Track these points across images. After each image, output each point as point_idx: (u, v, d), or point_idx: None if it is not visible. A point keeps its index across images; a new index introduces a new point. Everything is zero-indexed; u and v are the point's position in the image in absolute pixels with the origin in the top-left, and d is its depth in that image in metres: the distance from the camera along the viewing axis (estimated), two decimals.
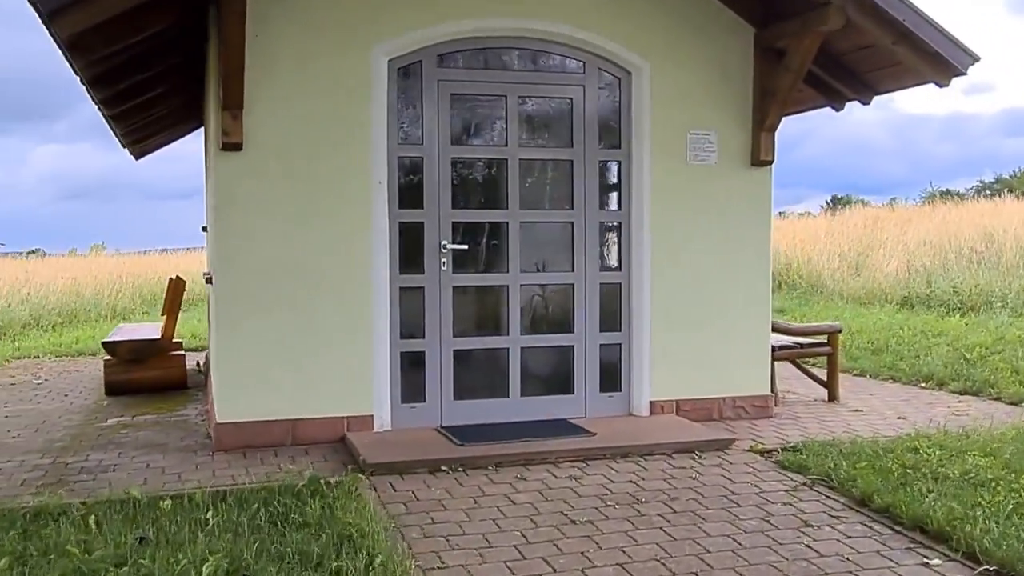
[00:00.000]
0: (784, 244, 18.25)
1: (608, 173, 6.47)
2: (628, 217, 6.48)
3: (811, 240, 18.67)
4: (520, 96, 6.26)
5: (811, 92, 7.26)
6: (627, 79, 6.44)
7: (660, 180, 6.47)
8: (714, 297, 6.62)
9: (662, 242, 6.49)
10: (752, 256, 6.71)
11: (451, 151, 6.14)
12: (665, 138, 6.46)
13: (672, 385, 6.56)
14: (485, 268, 6.29)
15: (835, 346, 7.60)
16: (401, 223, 6.07)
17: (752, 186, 6.68)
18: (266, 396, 5.81)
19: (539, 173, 6.40)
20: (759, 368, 6.78)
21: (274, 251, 5.78)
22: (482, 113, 6.28)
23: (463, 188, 6.21)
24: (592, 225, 6.42)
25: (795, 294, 15.27)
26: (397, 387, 6.09)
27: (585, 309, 6.43)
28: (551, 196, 6.43)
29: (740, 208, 6.66)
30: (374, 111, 5.91)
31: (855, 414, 7.02)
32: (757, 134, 6.61)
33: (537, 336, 6.39)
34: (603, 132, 6.43)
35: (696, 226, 6.56)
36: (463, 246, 6.17)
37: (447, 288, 6.16)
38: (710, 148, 6.56)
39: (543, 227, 6.41)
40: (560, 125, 6.40)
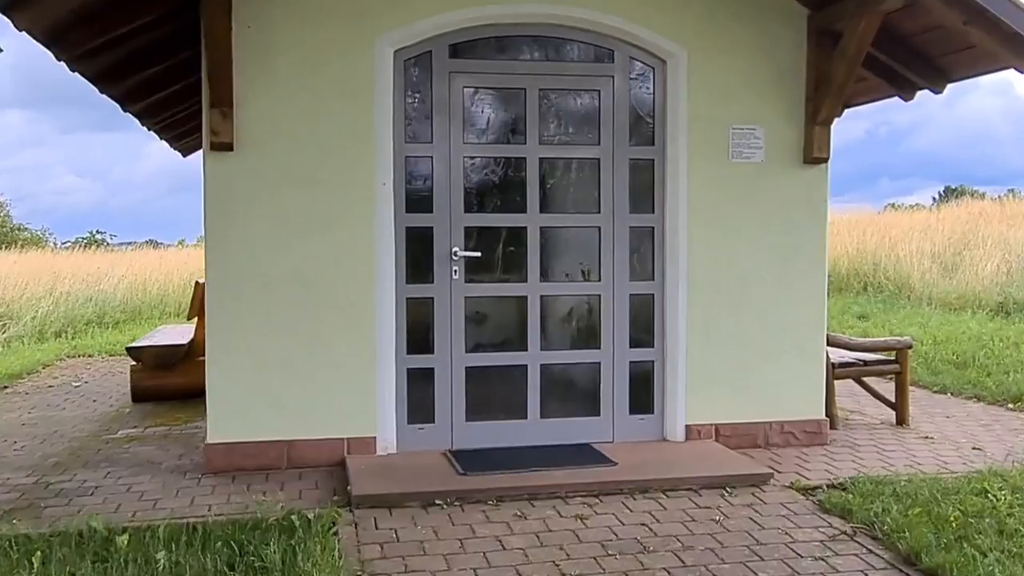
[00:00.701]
0: (874, 241, 17.16)
1: (639, 173, 5.86)
2: (662, 222, 5.86)
3: (904, 237, 17.50)
4: (541, 89, 5.70)
5: (876, 81, 6.50)
6: (661, 69, 5.81)
7: (698, 181, 5.83)
8: (760, 310, 5.94)
9: (701, 249, 5.85)
10: (805, 265, 6.00)
11: (464, 150, 5.62)
12: (704, 134, 5.81)
13: (711, 408, 5.92)
14: (501, 277, 5.76)
15: (904, 364, 6.81)
16: (409, 228, 5.59)
17: (805, 187, 5.98)
18: (260, 415, 5.41)
19: (562, 174, 5.83)
20: (812, 390, 6.07)
21: (270, 258, 5.37)
22: (498, 108, 5.74)
23: (477, 190, 5.69)
24: (621, 230, 5.82)
25: (880, 297, 14.22)
26: (403, 407, 5.62)
27: (613, 323, 5.84)
28: (575, 199, 5.85)
29: (791, 211, 5.96)
30: (379, 107, 5.44)
31: (923, 442, 6.24)
32: (810, 129, 5.89)
33: (559, 352, 5.83)
34: (634, 128, 5.82)
35: (740, 232, 5.90)
36: (476, 253, 5.65)
37: (459, 299, 5.65)
38: (756, 144, 5.88)
39: (566, 233, 5.84)
40: (586, 121, 5.81)
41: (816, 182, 5.99)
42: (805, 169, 5.96)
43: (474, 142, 5.65)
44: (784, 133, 5.92)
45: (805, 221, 5.99)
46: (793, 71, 5.89)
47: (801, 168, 5.95)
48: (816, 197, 6.00)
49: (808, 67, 5.90)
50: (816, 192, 6.00)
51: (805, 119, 5.92)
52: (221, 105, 5.18)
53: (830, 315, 12.70)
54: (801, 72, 5.90)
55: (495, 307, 5.84)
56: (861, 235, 17.75)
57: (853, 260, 15.95)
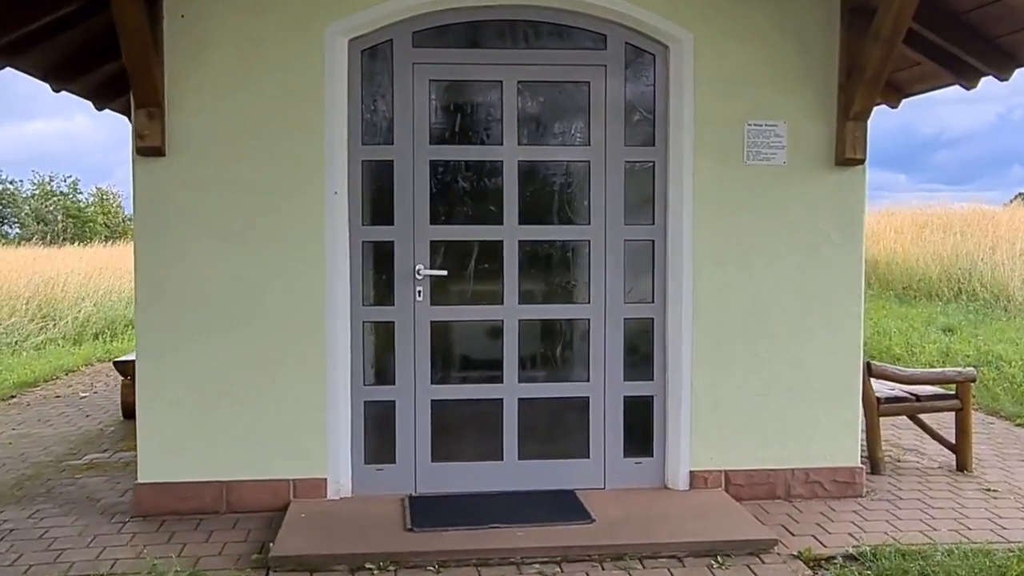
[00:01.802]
0: (973, 242, 15.67)
1: (637, 178, 5.04)
2: (663, 234, 5.03)
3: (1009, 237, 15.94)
4: (520, 82, 4.94)
5: (931, 66, 5.52)
6: (663, 56, 4.98)
7: (707, 186, 4.98)
8: (781, 338, 5.06)
9: (709, 267, 5.00)
10: (836, 284, 5.09)
11: (430, 152, 4.91)
12: (714, 132, 4.96)
13: (721, 451, 5.07)
14: (473, 299, 5.03)
15: (966, 400, 5.80)
16: (366, 243, 4.91)
17: (836, 193, 5.06)
18: (196, 452, 4.82)
19: (545, 179, 5.06)
20: (844, 432, 5.15)
21: (208, 277, 4.77)
22: (471, 104, 5.00)
23: (445, 198, 4.97)
24: (615, 244, 5.01)
25: (973, 307, 12.86)
26: (360, 445, 4.95)
27: (605, 351, 5.05)
28: (561, 208, 5.06)
29: (820, 222, 5.06)
30: (331, 105, 4.77)
31: (982, 496, 5.25)
32: (842, 124, 4.98)
33: (540, 384, 5.07)
34: (630, 125, 5.01)
35: (757, 246, 5.03)
36: (443, 272, 4.94)
37: (424, 323, 4.95)
38: (776, 143, 4.99)
39: (550, 247, 5.06)
40: (573, 117, 5.03)
41: (850, 187, 5.07)
42: (836, 172, 5.04)
43: (441, 143, 4.93)
44: (811, 130, 5.01)
45: (837, 234, 5.07)
46: (822, 56, 4.98)
47: (832, 171, 5.04)
48: (851, 205, 5.08)
49: (840, 51, 4.98)
50: (850, 199, 5.08)
51: (836, 113, 5.01)
52: (147, 105, 4.60)
53: (912, 327, 11.54)
54: (831, 57, 4.99)
55: (466, 333, 5.11)
56: (959, 234, 16.28)
57: (946, 263, 14.57)
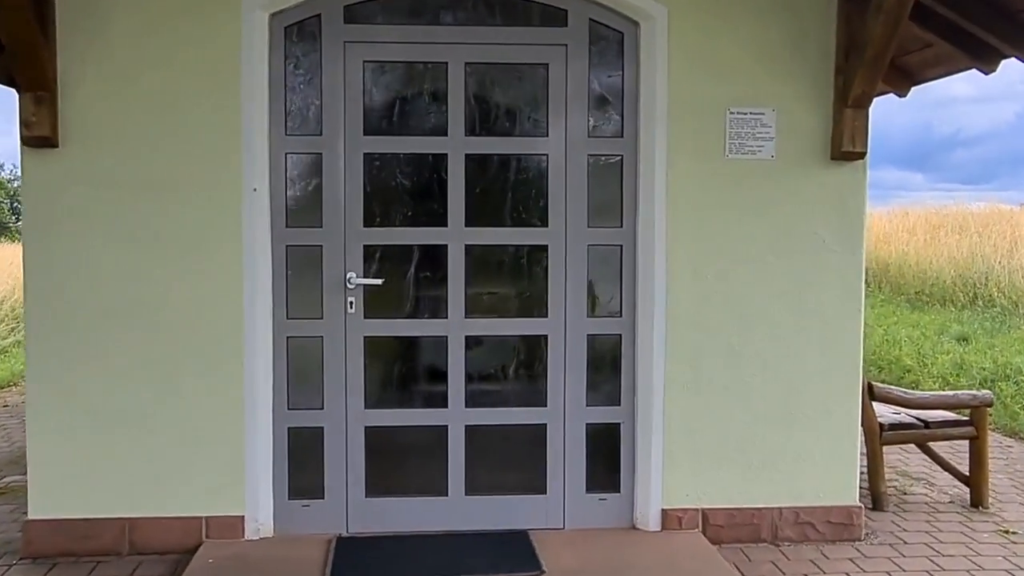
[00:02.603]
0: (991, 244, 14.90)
1: (602, 174, 4.41)
2: (633, 238, 4.40)
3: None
4: (468, 64, 4.31)
5: (946, 48, 4.85)
6: (632, 34, 4.34)
7: (683, 184, 4.34)
8: (768, 358, 4.42)
9: (685, 276, 4.36)
10: (833, 296, 4.45)
11: (364, 144, 4.30)
12: (691, 121, 4.33)
13: (697, 487, 4.43)
14: (413, 311, 4.41)
15: (981, 427, 5.13)
16: (291, 247, 4.30)
17: (833, 191, 4.42)
18: (95, 485, 4.22)
19: (497, 174, 4.42)
20: (841, 465, 4.50)
21: (109, 286, 4.18)
22: (412, 89, 4.38)
23: (382, 197, 4.35)
24: (577, 249, 4.39)
25: (990, 314, 12.10)
26: (283, 477, 4.34)
27: (565, 371, 4.42)
28: (515, 207, 4.43)
29: (814, 225, 4.41)
30: (248, 90, 4.16)
31: (999, 539, 4.59)
32: (839, 112, 4.33)
33: (491, 410, 4.44)
34: (595, 113, 4.38)
35: (740, 252, 4.39)
36: (378, 281, 4.32)
37: (356, 339, 4.34)
38: (764, 135, 4.35)
39: (501, 252, 4.44)
40: (529, 105, 4.40)
41: (849, 185, 4.42)
42: (833, 168, 4.40)
43: (378, 134, 4.31)
44: (803, 119, 4.37)
45: (834, 239, 4.43)
46: (817, 34, 4.34)
47: (827, 167, 4.40)
48: (850, 206, 4.43)
49: (838, 28, 4.34)
50: (849, 199, 4.43)
51: (833, 99, 4.37)
52: (35, 88, 4.00)
53: (924, 336, 10.81)
54: (828, 35, 4.34)
55: (405, 350, 4.48)
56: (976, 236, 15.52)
57: (961, 267, 13.81)
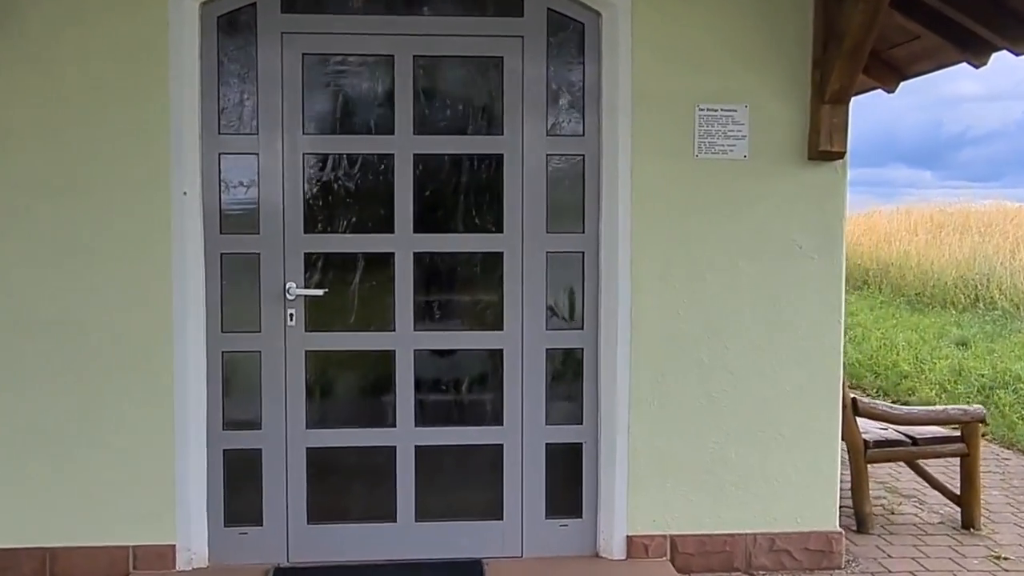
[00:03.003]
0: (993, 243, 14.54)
1: (562, 176, 4.10)
2: (595, 244, 4.08)
3: None
4: (417, 57, 4.00)
5: (933, 40, 4.55)
6: (594, 24, 4.02)
7: (648, 186, 4.03)
8: (742, 372, 4.11)
9: (651, 285, 4.05)
10: (810, 306, 4.13)
11: (304, 143, 3.98)
12: (657, 118, 4.01)
13: (665, 512, 4.12)
14: (358, 324, 4.09)
15: (973, 444, 4.81)
16: (226, 255, 3.99)
17: (809, 193, 4.10)
18: (13, 513, 3.92)
19: (448, 176, 4.11)
20: (820, 487, 4.18)
21: (25, 297, 3.87)
22: (355, 84, 4.06)
23: (323, 202, 4.04)
24: (534, 257, 4.07)
25: (991, 317, 11.75)
26: (218, 503, 4.04)
27: (522, 388, 4.11)
28: (467, 212, 4.11)
29: (789, 229, 4.10)
30: (177, 84, 3.85)
31: (991, 566, 4.28)
32: (817, 108, 4.01)
33: (442, 429, 4.13)
34: (554, 110, 4.06)
35: (710, 259, 4.07)
36: (320, 291, 4.01)
37: (297, 354, 4.02)
38: (736, 133, 4.03)
39: (453, 260, 4.12)
40: (483, 101, 4.08)
41: (827, 187, 4.11)
42: (810, 169, 4.08)
43: (319, 133, 4.00)
44: (778, 116, 4.06)
45: (811, 244, 4.11)
46: (793, 24, 4.02)
47: (804, 167, 4.08)
48: (828, 209, 4.11)
49: (816, 18, 4.02)
50: (827, 202, 4.11)
51: (810, 94, 4.05)
52: None
53: (922, 340, 10.46)
54: (805, 26, 4.03)
55: (350, 365, 4.17)
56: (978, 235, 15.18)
57: (963, 267, 13.46)
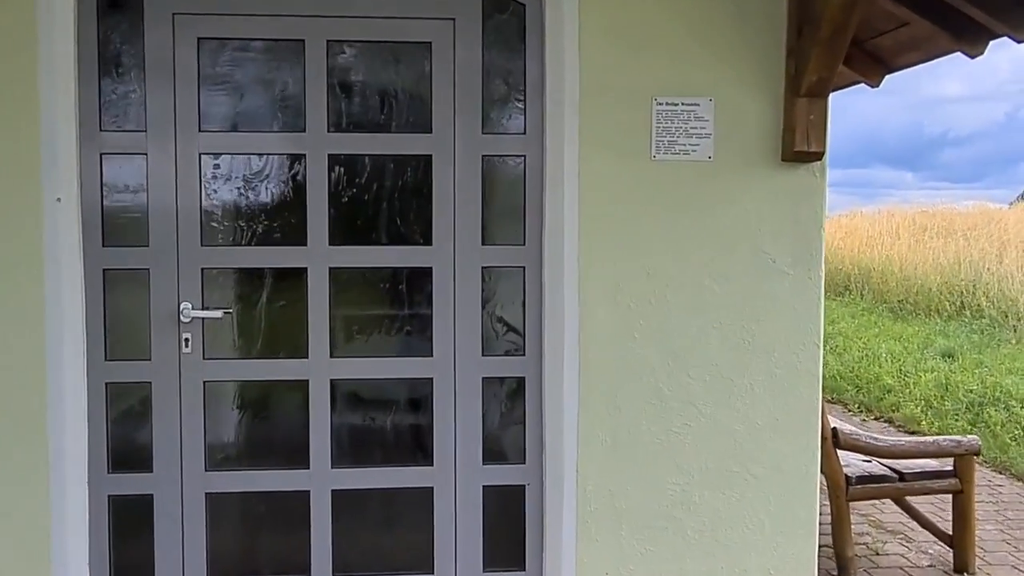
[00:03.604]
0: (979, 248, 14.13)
1: (499, 180, 3.58)
2: (538, 258, 3.57)
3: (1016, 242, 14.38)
4: (333, 41, 3.48)
5: (924, 27, 4.02)
6: (535, 6, 3.51)
7: (599, 191, 3.51)
8: (707, 404, 3.60)
9: (603, 303, 3.54)
10: (785, 328, 3.62)
11: (201, 142, 3.45)
12: (609, 113, 3.50)
13: (620, 563, 3.60)
14: (266, 351, 3.56)
15: (967, 478, 4.32)
16: (109, 271, 3.45)
17: (784, 200, 3.59)
18: None
19: (368, 180, 3.58)
20: (796, 534, 3.68)
21: None
22: (261, 74, 3.53)
23: (224, 208, 3.51)
24: (469, 272, 3.55)
25: (978, 325, 11.29)
26: (102, 556, 3.49)
27: (455, 423, 3.58)
28: (391, 221, 3.59)
29: (761, 241, 3.59)
30: (47, 73, 3.31)
31: None
32: (792, 103, 3.51)
33: (364, 471, 3.60)
34: (490, 104, 3.54)
35: (670, 275, 3.56)
36: (218, 313, 3.48)
37: (194, 385, 3.49)
38: (699, 130, 3.53)
39: (375, 276, 3.59)
40: (408, 94, 3.56)
41: (803, 192, 3.60)
42: (784, 172, 3.57)
43: (218, 130, 3.47)
44: (749, 111, 3.55)
45: (786, 258, 3.60)
46: (763, 7, 3.52)
47: (777, 170, 3.57)
48: (804, 218, 3.61)
49: (790, 1, 3.52)
50: (804, 209, 3.61)
51: (784, 87, 3.54)
52: None
53: (906, 351, 9.99)
54: (777, 9, 3.52)
55: (255, 398, 3.63)
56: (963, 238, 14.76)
57: (947, 273, 13.02)
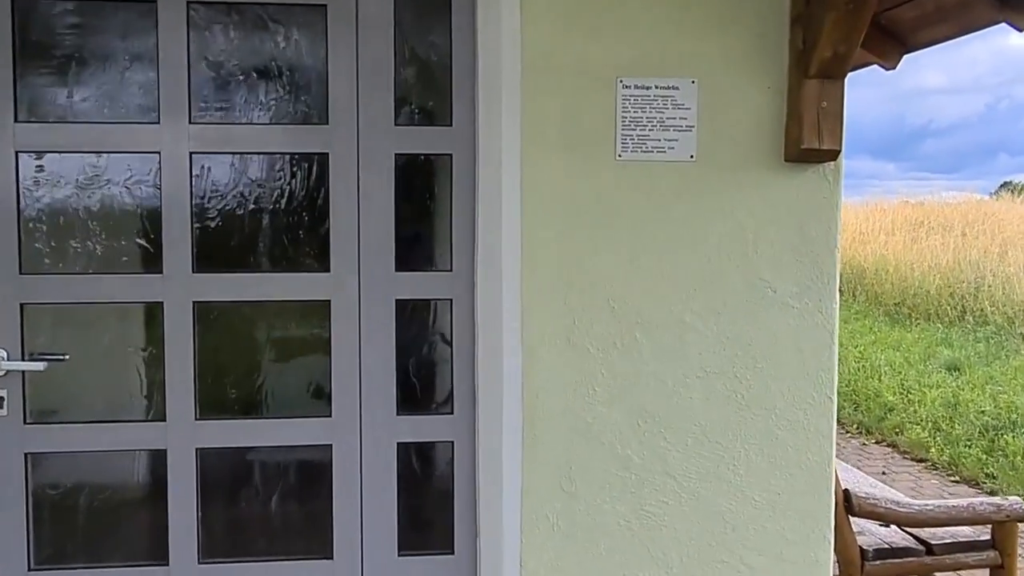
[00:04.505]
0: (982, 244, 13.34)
1: (419, 185, 2.75)
2: (469, 288, 2.74)
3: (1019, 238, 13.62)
4: (195, 4, 2.64)
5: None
6: None
7: (548, 201, 2.68)
8: (688, 477, 2.78)
9: (553, 346, 2.71)
10: (791, 376, 2.80)
11: (19, 135, 2.61)
12: (559, 100, 2.67)
13: None
14: (108, 411, 2.72)
15: (1010, 550, 3.52)
16: None
17: (786, 212, 2.77)
18: None
19: (246, 188, 2.74)
20: None
21: None
22: (99, 44, 2.68)
23: (53, 225, 2.66)
24: (378, 306, 2.72)
25: (983, 332, 10.48)
26: None
27: (360, 503, 2.76)
28: (275, 241, 2.75)
29: (757, 266, 2.77)
30: None
31: None
32: (798, 85, 2.68)
33: (241, 566, 2.77)
34: (406, 88, 2.71)
35: (640, 310, 2.74)
36: (39, 365, 2.63)
37: (11, 459, 2.65)
38: (677, 122, 2.70)
39: (255, 313, 2.76)
40: (298, 74, 2.72)
41: (813, 202, 2.78)
42: (788, 175, 2.75)
43: (41, 119, 2.62)
44: (741, 96, 2.72)
45: (789, 285, 2.78)
46: None
47: (779, 173, 2.75)
48: (814, 234, 2.79)
49: None
50: (814, 223, 2.79)
51: (788, 64, 2.72)
52: None
53: (907, 362, 9.17)
54: None
55: (96, 474, 2.79)
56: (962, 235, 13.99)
57: (947, 273, 12.23)
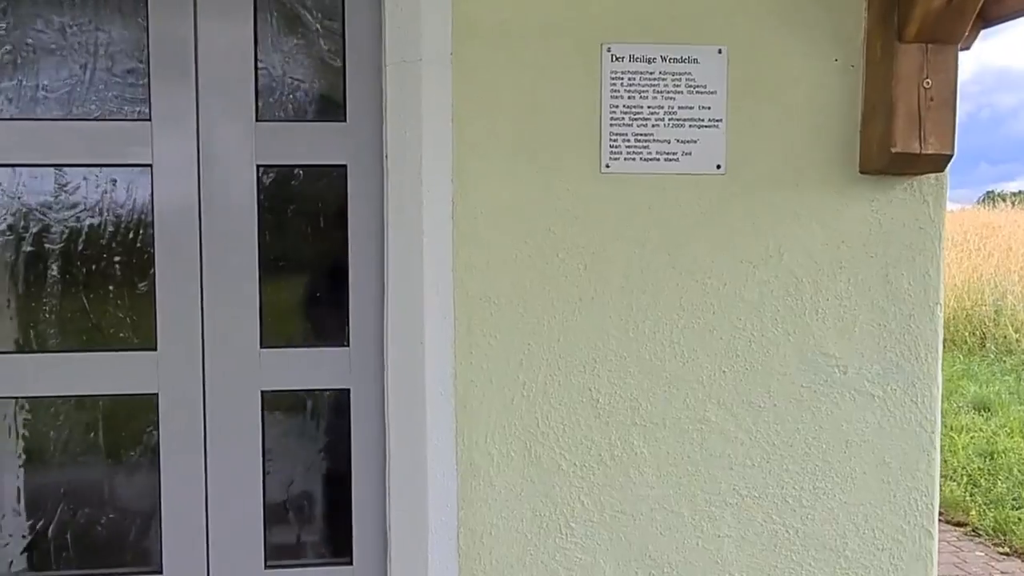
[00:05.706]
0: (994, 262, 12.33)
1: (296, 212, 1.76)
2: (376, 370, 1.74)
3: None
4: None
5: None
6: None
7: (496, 236, 1.70)
8: None
9: (508, 463, 1.72)
10: (870, 500, 1.82)
11: None
12: (510, 78, 1.68)
13: None
14: None
15: None
16: None
17: (866, 253, 1.79)
18: None
19: (35, 216, 1.75)
20: None
21: None
22: None
23: None
24: (234, 403, 1.72)
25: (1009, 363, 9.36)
26: None
27: None
28: (74, 303, 1.75)
29: (819, 333, 1.78)
30: None
31: None
32: (888, 55, 1.70)
33: None
34: (272, 67, 1.73)
35: (636, 400, 1.75)
36: None
37: None
38: (695, 112, 1.72)
39: (45, 416, 1.76)
40: (108, 51, 1.73)
41: (906, 236, 1.80)
42: (868, 193, 1.78)
43: None
44: (793, 75, 1.75)
45: (869, 364, 1.80)
46: None
47: (855, 190, 1.77)
48: (905, 286, 1.81)
49: None
50: (906, 268, 1.81)
51: (866, 25, 1.75)
52: None
53: None
54: None
55: None
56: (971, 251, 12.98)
57: (962, 295, 11.22)
